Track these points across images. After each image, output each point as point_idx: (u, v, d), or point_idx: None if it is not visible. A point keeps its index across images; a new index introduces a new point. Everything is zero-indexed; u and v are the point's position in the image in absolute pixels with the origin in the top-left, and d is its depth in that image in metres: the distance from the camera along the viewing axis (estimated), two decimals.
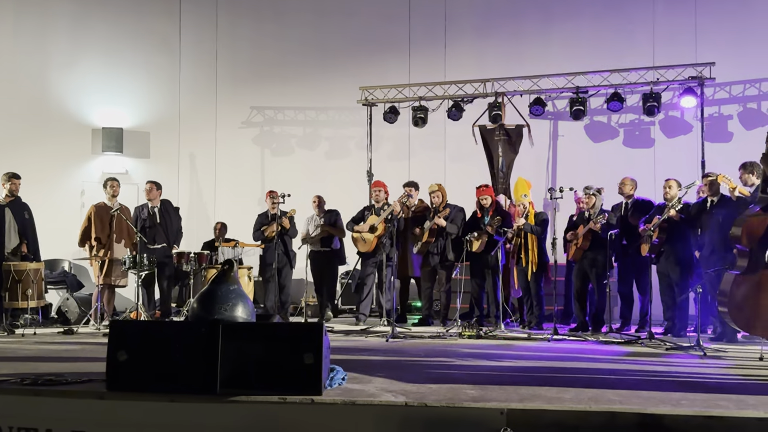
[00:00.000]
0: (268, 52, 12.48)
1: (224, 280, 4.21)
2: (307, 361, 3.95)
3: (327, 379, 4.16)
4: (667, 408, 3.72)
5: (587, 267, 8.36)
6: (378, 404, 3.84)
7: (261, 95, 12.48)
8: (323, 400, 3.88)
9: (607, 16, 11.29)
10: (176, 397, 3.94)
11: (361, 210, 9.55)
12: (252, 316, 4.25)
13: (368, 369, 5.04)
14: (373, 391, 4.13)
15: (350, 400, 3.86)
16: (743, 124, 10.52)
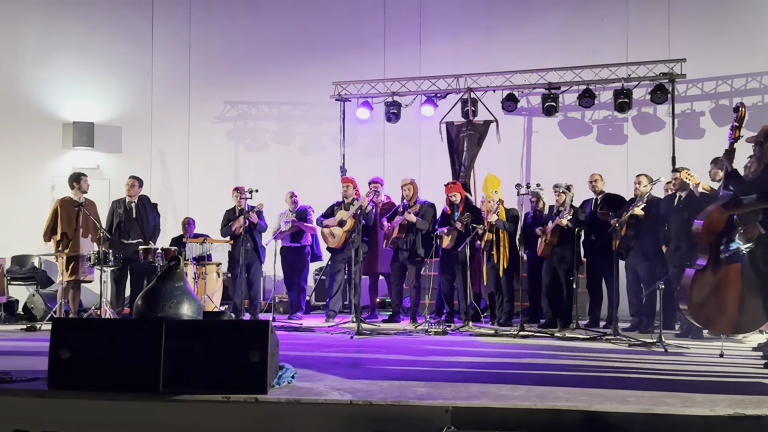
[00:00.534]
0: (242, 46, 12.37)
1: (170, 277, 4.15)
2: (253, 360, 3.90)
3: (275, 378, 4.11)
4: (613, 405, 3.69)
5: (556, 263, 8.36)
6: (323, 403, 3.79)
7: (235, 90, 12.38)
8: (267, 399, 3.83)
9: (581, 12, 11.26)
10: (117, 396, 3.88)
11: (330, 206, 9.50)
12: (198, 314, 4.19)
13: (324, 366, 5.00)
14: (321, 389, 4.09)
15: (295, 399, 3.81)
16: (715, 120, 10.54)
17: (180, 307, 4.06)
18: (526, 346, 6.68)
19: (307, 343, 6.70)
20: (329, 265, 9.83)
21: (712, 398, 3.88)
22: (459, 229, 8.67)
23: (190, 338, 3.97)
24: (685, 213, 7.47)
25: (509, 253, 8.62)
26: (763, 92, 10.29)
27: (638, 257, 8.00)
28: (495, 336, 7.55)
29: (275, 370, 4.14)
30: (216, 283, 9.08)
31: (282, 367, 4.27)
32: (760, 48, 10.24)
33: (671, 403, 3.74)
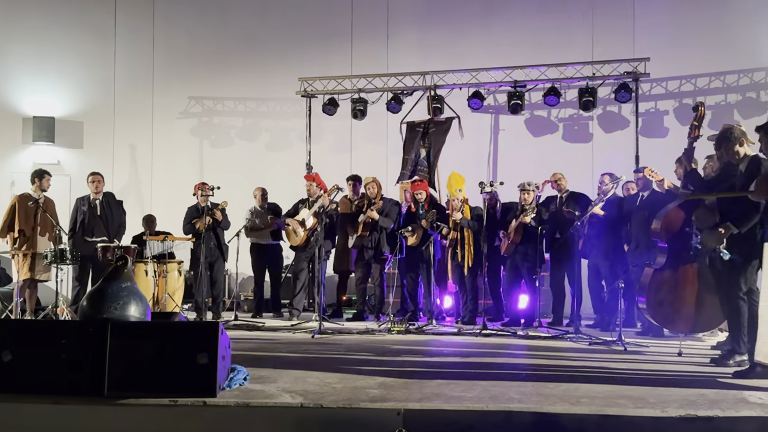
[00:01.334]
0: (207, 41, 12.21)
1: (116, 277, 4.04)
2: (201, 362, 3.82)
3: (225, 380, 4.03)
4: (565, 406, 3.67)
5: (519, 261, 8.36)
6: (273, 406, 3.73)
7: (199, 85, 12.22)
8: (216, 402, 3.75)
9: (548, 11, 11.27)
10: (62, 400, 3.77)
11: (295, 203, 9.41)
12: (146, 315, 4.09)
13: (279, 367, 4.93)
14: (273, 391, 4.02)
15: (244, 402, 3.74)
16: (678, 119, 10.61)
17: (126, 308, 3.96)
18: (487, 345, 6.66)
19: (267, 343, 6.62)
20: (293, 264, 9.73)
21: (664, 399, 3.87)
22: (424, 227, 8.64)
23: (136, 340, 3.87)
24: (646, 212, 7.50)
25: (473, 252, 8.61)
26: (726, 91, 10.39)
27: (600, 256, 8.03)
28: (457, 335, 7.52)
29: (226, 372, 4.06)
30: (177, 281, 8.93)
31: (234, 369, 4.19)
32: (723, 48, 10.33)
33: (623, 404, 3.73)
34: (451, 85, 10.96)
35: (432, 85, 10.92)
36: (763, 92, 10.21)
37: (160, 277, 8.61)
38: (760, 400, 3.81)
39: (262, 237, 9.70)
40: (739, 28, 10.18)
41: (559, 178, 8.66)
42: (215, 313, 9.22)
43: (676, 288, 6.37)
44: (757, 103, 10.12)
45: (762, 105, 10.10)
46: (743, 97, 10.29)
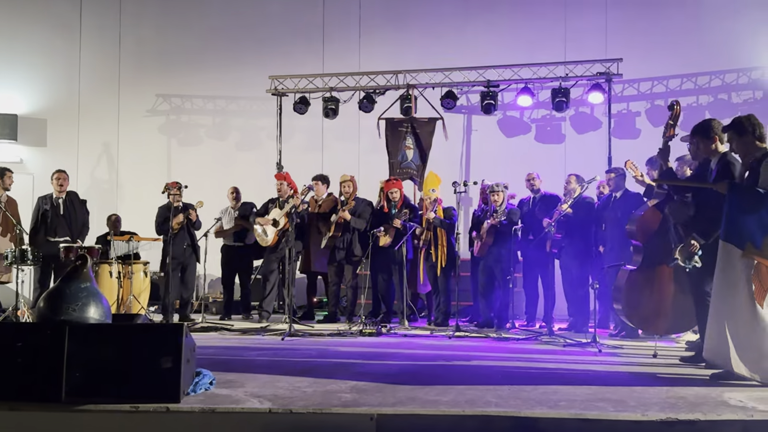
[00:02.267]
0: (176, 37, 11.97)
1: (75, 278, 3.84)
2: (165, 366, 3.64)
3: (190, 385, 3.86)
4: (544, 410, 3.56)
5: (492, 262, 8.27)
6: (240, 411, 3.56)
7: (167, 83, 11.97)
8: (180, 408, 3.58)
9: (521, 11, 11.22)
10: (17, 406, 3.57)
11: (265, 203, 9.23)
12: (107, 317, 3.90)
13: (248, 371, 4.76)
14: (240, 396, 3.85)
15: (210, 408, 3.57)
16: (650, 120, 10.62)
17: (85, 310, 3.76)
18: (460, 347, 6.55)
19: (236, 346, 6.44)
20: (263, 265, 9.54)
21: (644, 402, 3.78)
22: (397, 227, 8.52)
23: (96, 343, 3.68)
24: (618, 213, 7.47)
25: (447, 252, 8.51)
26: (697, 93, 10.42)
27: (571, 257, 7.97)
28: (430, 337, 7.40)
29: (191, 377, 3.88)
30: (143, 282, 8.70)
31: (199, 373, 4.02)
32: (695, 49, 10.35)
33: (603, 407, 3.63)
34: (424, 84, 10.84)
35: (405, 84, 10.80)
36: (735, 94, 10.25)
37: (125, 278, 8.38)
38: (741, 403, 3.74)
39: (231, 238, 9.51)
40: (711, 30, 10.20)
41: (532, 178, 8.59)
42: (183, 316, 9.00)
43: (652, 289, 6.32)
44: (729, 105, 10.15)
45: (734, 106, 10.13)
46: (715, 98, 10.32)
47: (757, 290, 4.35)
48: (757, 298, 4.35)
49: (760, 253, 4.37)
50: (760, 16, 9.99)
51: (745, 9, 10.08)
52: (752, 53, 10.14)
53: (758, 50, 10.09)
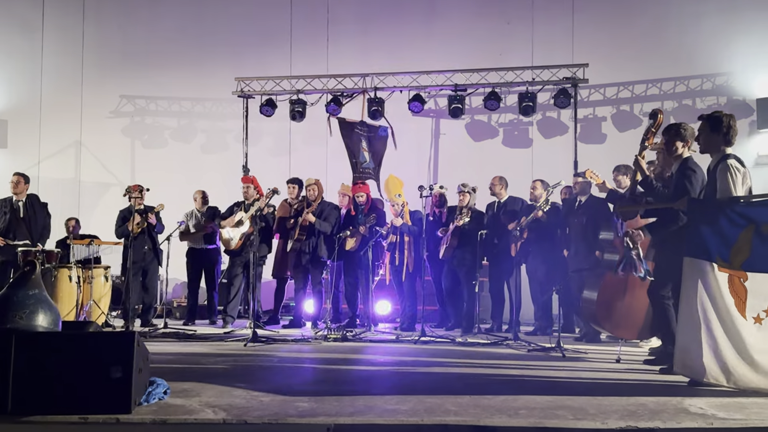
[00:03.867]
0: (140, 38, 11.81)
1: (23, 284, 3.71)
2: (115, 375, 3.52)
3: (143, 395, 3.74)
4: (503, 419, 3.51)
5: (456, 266, 8.24)
6: (192, 422, 3.46)
7: (132, 84, 11.82)
8: (131, 419, 3.46)
9: (488, 15, 11.25)
10: None
11: (230, 206, 9.11)
12: (56, 325, 3.77)
13: (205, 379, 4.65)
14: (195, 406, 3.75)
15: (161, 419, 3.46)
16: (616, 126, 10.70)
17: (34, 318, 3.63)
18: (425, 352, 6.50)
19: (196, 353, 6.31)
20: (228, 269, 9.41)
21: (605, 409, 3.75)
22: (362, 232, 8.45)
23: (44, 352, 3.55)
24: (583, 218, 7.48)
25: (413, 257, 8.46)
26: (662, 98, 10.51)
27: (538, 261, 7.97)
28: (395, 342, 7.35)
29: (143, 386, 3.77)
30: (104, 287, 8.53)
31: (153, 383, 3.90)
32: (660, 55, 10.45)
33: (563, 415, 3.59)
34: (392, 87, 10.81)
35: (373, 87, 10.75)
36: (699, 99, 10.36)
37: (85, 282, 8.21)
38: (701, 411, 3.72)
39: (197, 241, 9.37)
40: (676, 37, 10.32)
41: (495, 183, 8.58)
42: (145, 321, 8.85)
43: (624, 295, 6.36)
44: (693, 110, 10.24)
45: (697, 112, 10.09)
46: (679, 104, 10.42)
47: (737, 303, 4.32)
48: (739, 311, 4.31)
49: (730, 266, 4.35)
50: (723, 22, 10.12)
51: (709, 16, 10.20)
52: (716, 59, 10.26)
53: (722, 56, 10.21)
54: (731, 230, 4.35)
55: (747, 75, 10.08)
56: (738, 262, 4.31)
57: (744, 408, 3.80)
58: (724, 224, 4.37)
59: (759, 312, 4.27)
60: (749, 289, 4.28)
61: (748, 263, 4.29)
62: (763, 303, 4.26)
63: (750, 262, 4.28)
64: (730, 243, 4.34)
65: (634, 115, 10.63)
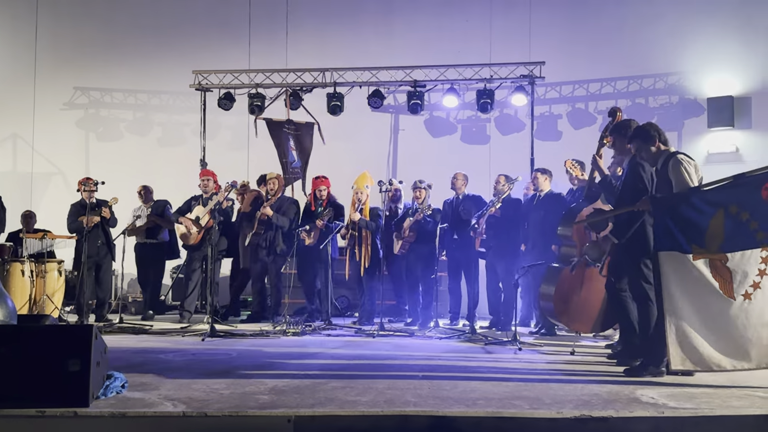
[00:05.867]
0: (95, 29, 11.60)
1: None
2: (73, 369, 3.50)
3: (101, 388, 3.72)
4: (462, 408, 3.58)
5: (413, 261, 8.31)
6: (152, 415, 3.45)
7: (86, 75, 11.60)
8: (88, 412, 3.44)
9: (447, 12, 11.30)
10: None
11: (187, 200, 9.01)
12: (12, 318, 3.72)
13: (163, 373, 4.63)
14: (154, 399, 3.73)
15: (120, 412, 3.44)
16: (572, 123, 10.86)
17: None
18: (383, 345, 6.55)
19: (153, 348, 6.26)
20: (185, 264, 9.32)
21: (560, 399, 3.84)
22: (320, 227, 8.46)
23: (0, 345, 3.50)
24: (541, 212, 7.61)
25: (371, 252, 8.50)
26: (616, 97, 10.70)
27: (497, 256, 8.07)
28: (354, 336, 7.38)
29: (101, 380, 3.74)
30: (58, 282, 8.37)
31: (110, 376, 3.87)
32: (614, 54, 10.63)
33: (519, 405, 3.67)
34: (351, 82, 10.81)
35: (333, 82, 10.74)
36: (652, 98, 10.58)
37: (38, 277, 8.07)
38: (653, 400, 3.84)
39: (140, 235, 9.27)
40: (630, 36, 10.50)
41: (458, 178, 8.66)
42: (99, 316, 8.73)
43: (580, 289, 6.50)
44: (646, 109, 10.46)
45: (651, 111, 10.45)
46: (633, 102, 10.62)
47: (722, 285, 4.44)
48: (726, 293, 4.42)
49: (707, 251, 4.47)
50: (676, 22, 10.34)
51: (663, 17, 10.41)
52: (669, 59, 10.47)
53: (674, 56, 10.43)
54: (701, 218, 4.48)
55: (698, 75, 10.31)
56: (715, 246, 4.45)
57: (693, 397, 3.93)
58: (693, 214, 4.51)
59: (746, 288, 4.39)
60: (732, 269, 4.41)
61: (725, 245, 4.43)
62: (748, 279, 4.39)
63: (726, 244, 4.43)
64: (703, 230, 4.47)
65: (589, 113, 10.81)
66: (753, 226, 4.38)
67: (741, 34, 10.06)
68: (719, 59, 10.13)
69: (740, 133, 9.99)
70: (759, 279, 4.39)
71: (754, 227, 4.38)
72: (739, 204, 4.41)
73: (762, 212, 4.37)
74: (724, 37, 10.11)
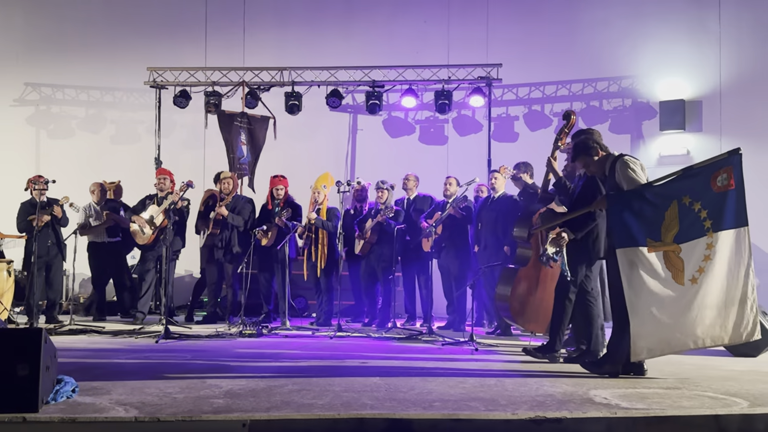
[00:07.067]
0: (47, 23, 11.38)
1: None
2: (21, 373, 3.40)
3: (50, 393, 3.63)
4: (418, 411, 3.58)
5: (374, 262, 8.31)
6: (103, 421, 3.37)
7: (37, 71, 11.37)
8: (38, 417, 3.35)
9: (405, 13, 11.35)
10: None
11: (142, 199, 8.87)
12: None
13: (115, 377, 4.54)
14: (105, 404, 3.66)
15: (70, 417, 3.36)
16: (528, 125, 10.99)
17: None
18: (341, 347, 6.53)
19: (105, 350, 6.14)
20: (139, 264, 9.18)
21: (515, 401, 3.87)
22: (280, 224, 8.39)
23: None
24: (495, 214, 7.66)
25: (327, 252, 8.47)
26: (571, 99, 10.87)
27: (450, 257, 8.12)
28: (312, 337, 7.34)
29: (51, 384, 3.66)
30: (7, 282, 8.17)
31: (60, 381, 3.79)
32: (570, 57, 10.79)
33: (475, 407, 3.69)
34: (309, 82, 10.78)
35: (290, 81, 10.68)
36: (606, 101, 10.76)
37: None
38: (606, 401, 3.89)
39: (98, 235, 9.08)
40: (585, 40, 10.67)
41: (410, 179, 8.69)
42: (50, 317, 8.53)
43: (536, 289, 6.56)
44: (600, 112, 10.65)
45: (604, 113, 10.64)
46: (587, 105, 10.80)
47: (674, 275, 4.61)
48: (678, 281, 4.60)
49: (662, 244, 4.61)
50: (630, 27, 10.53)
51: (617, 21, 10.59)
52: (622, 63, 10.66)
53: (628, 60, 10.62)
54: (656, 211, 4.64)
55: (651, 78, 10.52)
56: (670, 237, 4.61)
57: (645, 398, 4.00)
58: (647, 208, 4.66)
59: (693, 273, 4.58)
60: (684, 259, 4.59)
61: (679, 236, 4.60)
62: (695, 265, 4.58)
63: (680, 235, 4.60)
64: (659, 223, 4.63)
65: (544, 115, 10.95)
66: (703, 215, 4.56)
67: (692, 38, 10.29)
68: (671, 63, 10.34)
69: (691, 135, 10.22)
70: (704, 264, 4.59)
71: (703, 216, 4.56)
72: (691, 194, 4.61)
73: (712, 202, 4.57)
74: (675, 41, 10.33)
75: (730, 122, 10.01)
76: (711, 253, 4.57)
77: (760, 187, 8.60)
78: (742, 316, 4.57)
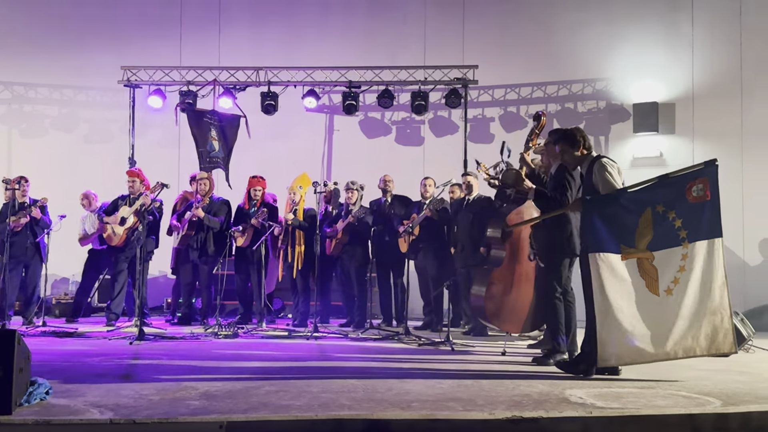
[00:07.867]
0: (18, 21, 11.19)
1: None
2: None
3: (23, 395, 3.58)
4: (396, 411, 3.59)
5: (347, 261, 8.31)
6: (78, 423, 3.34)
7: (8, 69, 11.18)
8: (12, 420, 3.32)
9: (382, 14, 11.34)
10: None
11: (114, 200, 8.77)
12: None
13: (89, 379, 4.49)
14: (79, 406, 3.62)
15: (44, 420, 3.33)
16: (503, 126, 11.03)
17: None
18: (318, 348, 6.52)
19: (78, 352, 6.06)
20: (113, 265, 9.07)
21: (492, 401, 3.90)
22: (255, 225, 8.35)
23: None
24: (470, 215, 7.70)
25: (304, 253, 8.45)
26: (546, 101, 10.93)
27: (428, 258, 8.14)
28: (288, 338, 7.32)
29: (24, 386, 3.61)
30: None
31: (34, 383, 3.74)
32: (545, 60, 10.85)
33: (453, 407, 3.71)
34: (286, 82, 10.74)
35: (267, 81, 10.64)
36: (580, 103, 10.84)
37: None
38: (581, 400, 3.93)
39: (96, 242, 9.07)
40: (560, 42, 10.73)
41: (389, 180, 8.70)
42: (26, 319, 8.41)
43: (511, 289, 6.60)
44: (575, 113, 10.72)
45: (579, 115, 10.72)
46: (562, 107, 10.87)
47: (648, 283, 4.63)
48: (652, 291, 4.62)
49: (636, 251, 4.63)
50: (605, 30, 10.61)
51: (591, 24, 10.67)
52: (597, 65, 10.74)
53: (603, 62, 10.70)
54: (630, 218, 4.66)
55: (625, 81, 10.60)
56: (643, 244, 4.64)
57: (620, 397, 4.05)
58: (622, 214, 4.69)
59: (668, 284, 4.61)
60: (658, 267, 4.61)
61: (653, 243, 4.62)
62: (670, 275, 4.60)
63: (654, 243, 4.62)
64: (633, 229, 4.65)
65: (520, 117, 11.00)
66: (677, 224, 4.59)
67: (666, 41, 10.41)
68: (645, 66, 10.44)
69: (664, 138, 10.33)
70: (679, 275, 4.62)
71: (678, 225, 4.59)
72: (665, 203, 4.63)
73: (687, 211, 4.61)
74: (649, 44, 10.43)
75: (702, 124, 10.13)
76: (686, 264, 4.59)
77: (731, 187, 8.70)
78: (716, 328, 4.58)
